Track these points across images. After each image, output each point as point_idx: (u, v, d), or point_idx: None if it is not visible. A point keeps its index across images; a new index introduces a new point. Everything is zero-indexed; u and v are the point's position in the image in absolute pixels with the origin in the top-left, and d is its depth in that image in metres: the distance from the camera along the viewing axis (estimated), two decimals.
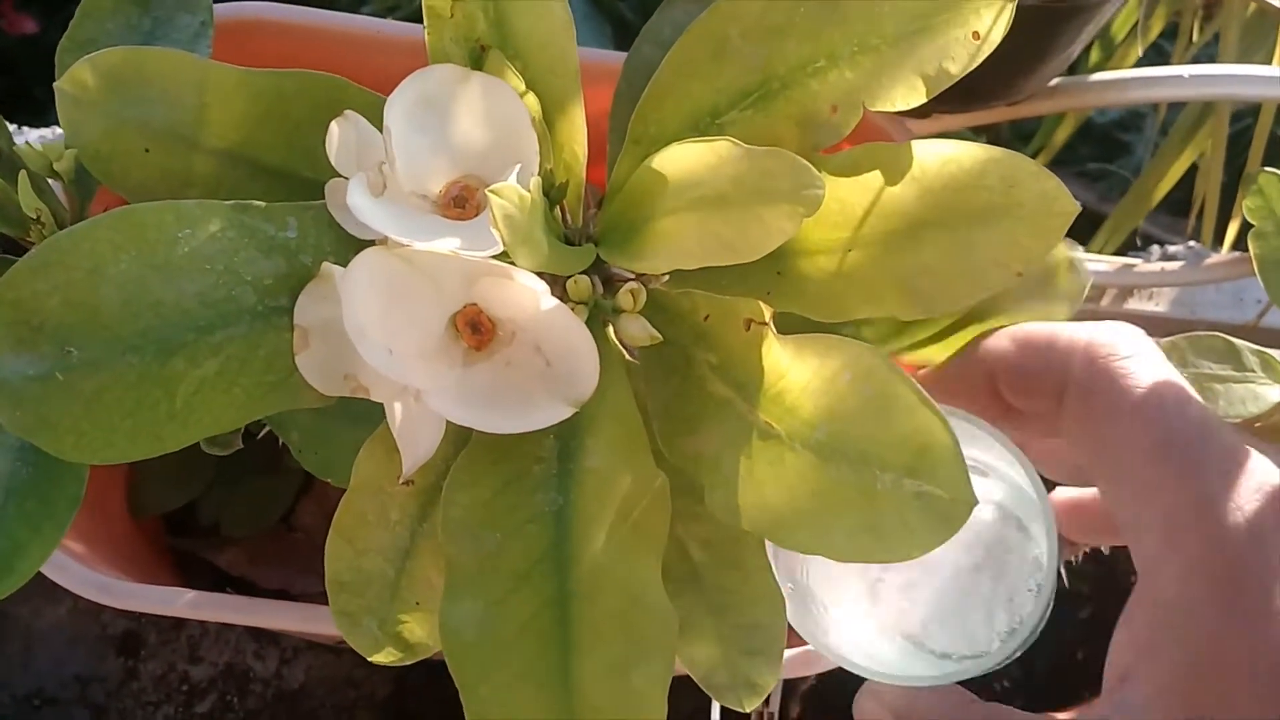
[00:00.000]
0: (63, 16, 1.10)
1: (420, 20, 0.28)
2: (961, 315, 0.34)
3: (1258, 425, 0.45)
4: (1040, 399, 0.30)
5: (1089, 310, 0.71)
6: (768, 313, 0.25)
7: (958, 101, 0.53)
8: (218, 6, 0.37)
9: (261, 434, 0.41)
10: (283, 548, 0.57)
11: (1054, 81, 0.53)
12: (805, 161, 0.23)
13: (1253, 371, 0.42)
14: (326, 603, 0.30)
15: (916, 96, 0.27)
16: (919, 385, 0.22)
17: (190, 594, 0.42)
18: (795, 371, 0.24)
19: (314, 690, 0.70)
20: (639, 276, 0.27)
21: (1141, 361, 0.29)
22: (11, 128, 0.80)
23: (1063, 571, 0.33)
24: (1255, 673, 0.26)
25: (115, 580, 0.43)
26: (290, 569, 0.56)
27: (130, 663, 0.70)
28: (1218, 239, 0.78)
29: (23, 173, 0.30)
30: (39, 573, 0.42)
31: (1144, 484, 0.28)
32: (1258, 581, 0.26)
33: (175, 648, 0.70)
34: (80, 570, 0.42)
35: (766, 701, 0.49)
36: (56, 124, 0.81)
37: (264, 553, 0.57)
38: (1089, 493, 0.35)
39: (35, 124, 0.82)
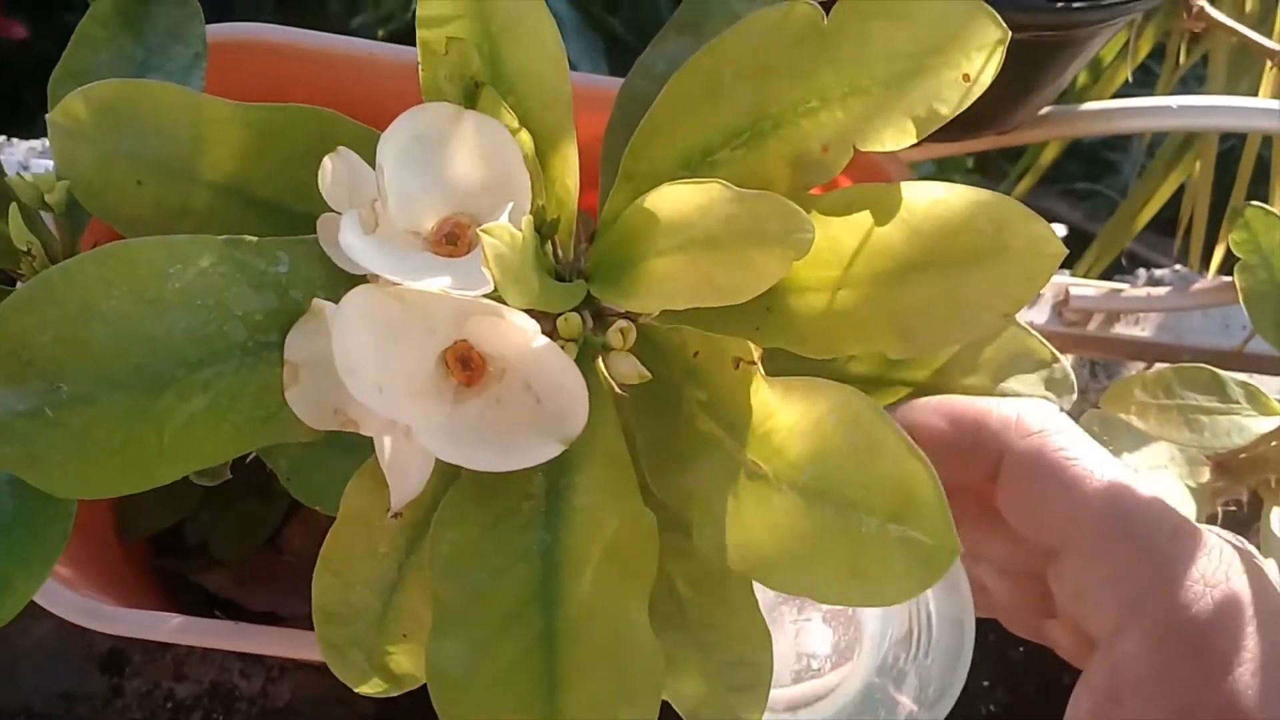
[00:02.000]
0: (54, 23, 1.10)
1: (411, 32, 0.28)
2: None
3: (1242, 456, 0.45)
4: (973, 473, 0.32)
5: (1076, 334, 0.72)
6: (756, 352, 0.25)
7: (947, 131, 0.53)
8: (211, 27, 0.37)
9: (250, 458, 0.41)
10: (271, 570, 0.57)
11: (1043, 111, 0.53)
12: (795, 205, 0.23)
13: (1238, 403, 0.43)
14: (314, 626, 0.30)
15: (907, 137, 0.27)
16: (905, 433, 0.23)
17: (176, 618, 0.42)
18: (783, 412, 0.24)
19: (300, 708, 0.70)
20: (628, 313, 0.28)
21: (1073, 437, 0.31)
22: (0, 139, 0.80)
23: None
24: None
25: (101, 605, 0.42)
26: (278, 591, 0.56)
27: (116, 680, 0.69)
28: (1204, 261, 0.79)
29: (14, 205, 0.30)
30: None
31: (1097, 551, 0.29)
32: (1221, 642, 0.28)
33: (161, 666, 0.69)
34: (66, 594, 0.42)
35: None
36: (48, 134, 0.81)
37: (252, 575, 0.57)
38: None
39: (25, 132, 0.82)
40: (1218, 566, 0.29)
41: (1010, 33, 0.27)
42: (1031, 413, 0.31)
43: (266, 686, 0.70)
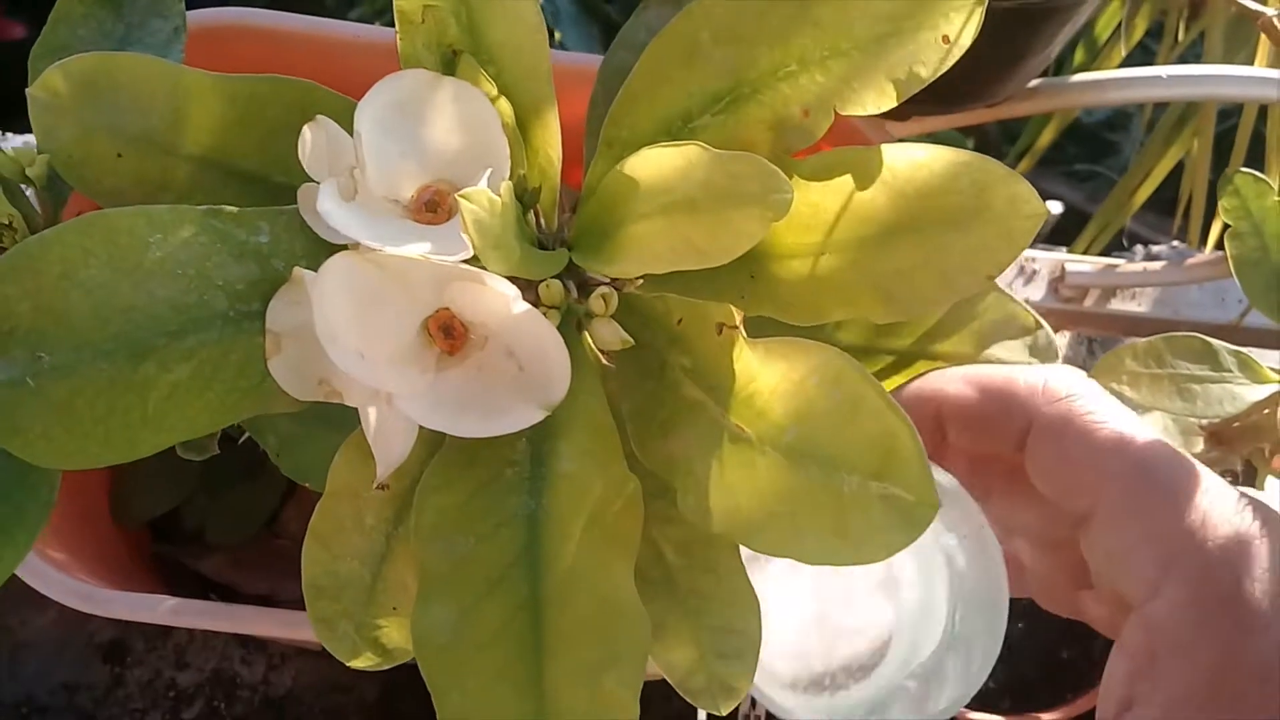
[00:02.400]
0: None
1: None
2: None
3: (1235, 425, 0.45)
4: (1000, 441, 0.32)
5: (1073, 311, 0.71)
6: (739, 317, 0.25)
7: (935, 103, 0.53)
8: (197, 13, 0.37)
9: (243, 439, 0.41)
10: (267, 554, 0.57)
11: (1034, 83, 0.53)
12: (773, 166, 0.23)
13: (1230, 372, 0.43)
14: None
15: (887, 100, 0.27)
16: (885, 390, 0.23)
17: (172, 601, 0.42)
18: (765, 375, 0.24)
19: (302, 695, 0.70)
20: (613, 281, 0.27)
21: (1099, 401, 0.31)
22: None
23: None
24: (1267, 678, 0.27)
25: (95, 589, 0.43)
26: (274, 575, 0.56)
27: (117, 670, 0.70)
28: (1203, 239, 0.78)
29: None
30: (26, 582, 0.42)
31: (1129, 511, 0.29)
32: (1258, 597, 0.28)
33: (162, 655, 0.70)
34: (61, 578, 0.42)
35: (753, 704, 0.50)
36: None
37: (248, 559, 0.57)
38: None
39: (24, 129, 0.82)
40: (1252, 523, 0.29)
41: None
42: (1058, 378, 0.31)
43: (268, 674, 0.70)
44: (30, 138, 0.81)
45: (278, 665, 0.70)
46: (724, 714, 0.30)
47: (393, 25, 0.49)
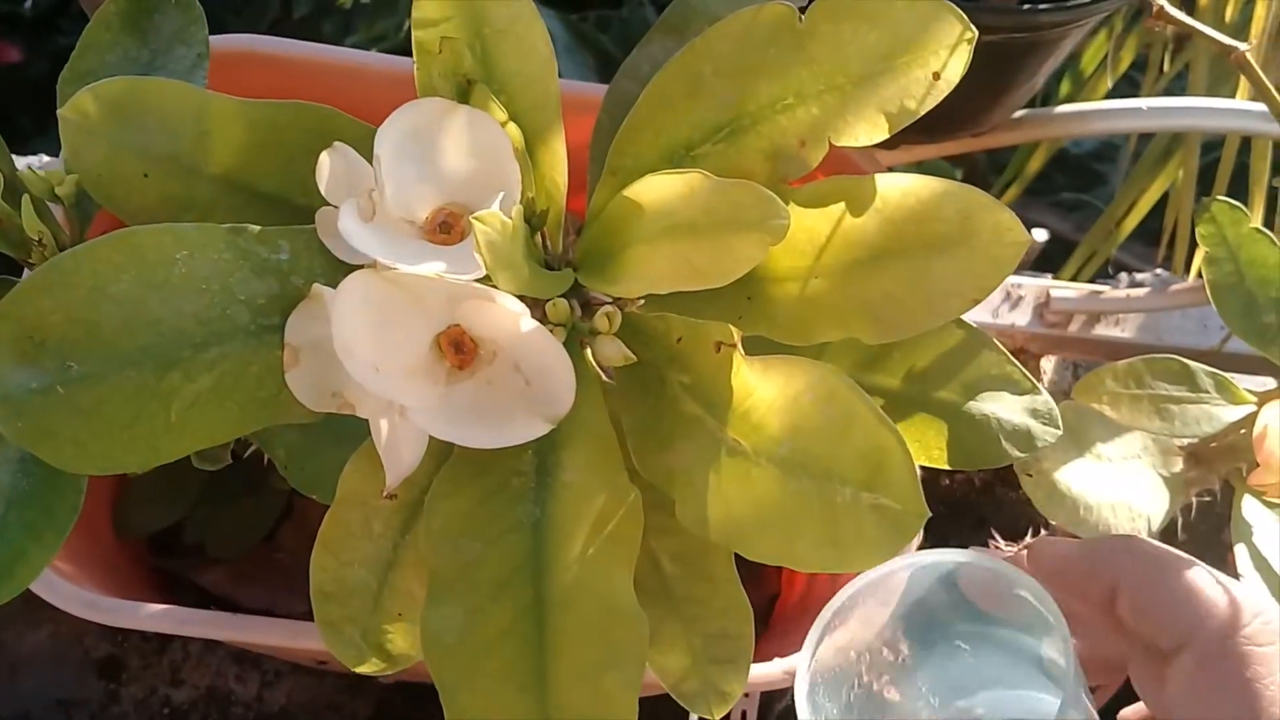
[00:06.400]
0: (47, 46, 1.11)
1: (404, 51, 0.29)
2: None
3: (1213, 445, 0.46)
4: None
5: (1057, 335, 0.73)
6: (737, 335, 0.26)
7: (923, 133, 0.54)
8: (212, 38, 0.38)
9: (247, 454, 0.42)
10: (266, 567, 0.58)
11: (1019, 113, 0.55)
12: (771, 193, 0.24)
13: (1207, 393, 0.44)
14: (310, 621, 0.31)
15: (879, 132, 0.28)
16: (876, 406, 0.24)
17: (179, 611, 0.43)
18: (762, 391, 0.26)
19: (295, 713, 0.70)
20: (615, 300, 0.29)
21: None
22: None
23: None
24: None
25: (101, 598, 0.43)
26: (274, 588, 0.57)
27: (113, 686, 0.70)
28: (1187, 267, 0.80)
29: (25, 196, 0.31)
30: (22, 596, 0.43)
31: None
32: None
33: (157, 671, 0.70)
34: (68, 588, 0.43)
35: (744, 717, 0.50)
36: (42, 152, 0.82)
37: (247, 573, 0.58)
38: None
39: (20, 152, 0.83)
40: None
41: (977, 32, 0.28)
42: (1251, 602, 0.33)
43: (262, 691, 0.71)
44: (30, 161, 0.82)
45: (272, 682, 0.71)
46: (717, 718, 0.31)
47: (389, 53, 0.50)
